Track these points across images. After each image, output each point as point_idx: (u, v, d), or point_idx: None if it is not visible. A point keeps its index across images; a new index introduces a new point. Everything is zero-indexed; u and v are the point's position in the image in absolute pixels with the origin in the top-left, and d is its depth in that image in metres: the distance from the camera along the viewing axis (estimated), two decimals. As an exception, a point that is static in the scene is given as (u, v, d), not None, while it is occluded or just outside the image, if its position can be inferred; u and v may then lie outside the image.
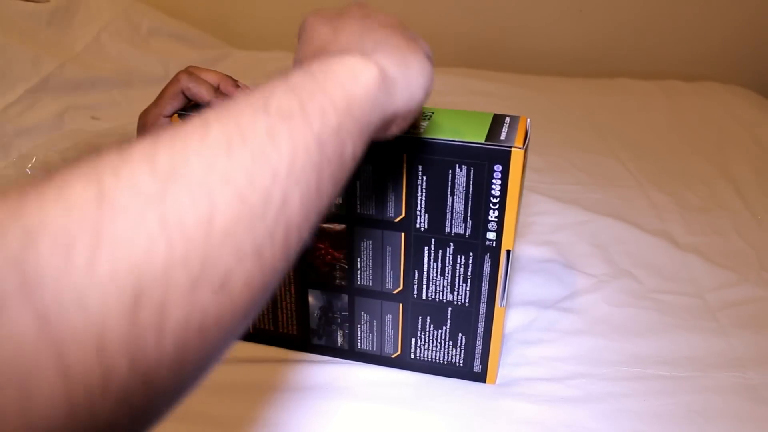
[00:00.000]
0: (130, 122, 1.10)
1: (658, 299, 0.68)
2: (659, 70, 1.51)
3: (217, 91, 0.51)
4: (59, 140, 0.99)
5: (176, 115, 0.52)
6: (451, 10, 1.60)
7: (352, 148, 0.28)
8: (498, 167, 0.47)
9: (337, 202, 0.52)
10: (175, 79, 0.51)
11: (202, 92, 0.50)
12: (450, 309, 0.54)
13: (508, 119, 0.51)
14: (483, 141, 0.47)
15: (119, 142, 0.22)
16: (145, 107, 0.54)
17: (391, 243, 0.52)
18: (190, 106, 0.53)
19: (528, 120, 0.50)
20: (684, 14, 1.52)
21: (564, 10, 1.57)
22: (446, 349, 0.56)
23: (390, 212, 0.51)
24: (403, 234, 0.52)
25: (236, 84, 0.54)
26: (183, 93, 0.51)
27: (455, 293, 0.53)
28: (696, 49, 1.54)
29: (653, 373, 0.58)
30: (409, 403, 0.54)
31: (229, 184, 0.21)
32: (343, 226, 0.53)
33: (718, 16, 1.51)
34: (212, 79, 0.52)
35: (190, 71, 0.52)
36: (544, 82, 1.40)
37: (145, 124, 0.52)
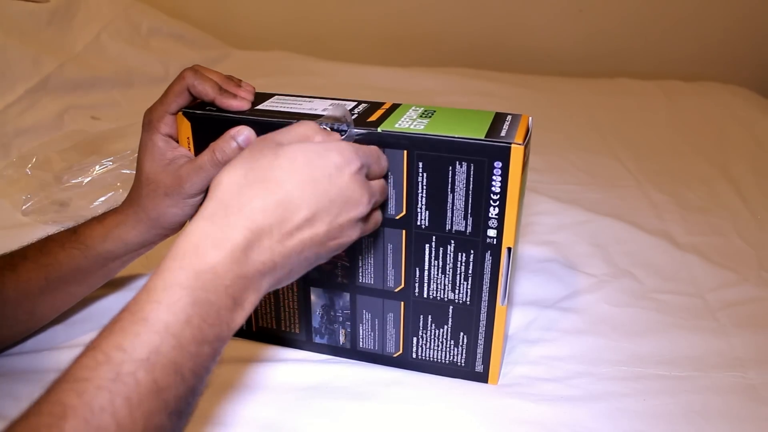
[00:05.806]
0: (130, 122, 1.09)
1: (658, 299, 0.68)
2: (659, 70, 1.51)
3: (222, 90, 0.52)
4: (59, 140, 0.99)
5: (180, 113, 0.52)
6: (451, 10, 1.60)
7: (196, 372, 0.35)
8: (498, 164, 0.47)
9: None
10: (181, 76, 0.51)
11: (207, 90, 0.51)
12: (451, 308, 0.54)
13: (509, 117, 0.51)
14: (483, 137, 0.47)
15: None
16: (145, 107, 0.54)
17: (391, 240, 0.52)
18: (196, 104, 0.53)
19: (530, 118, 0.50)
20: (684, 14, 1.52)
21: (564, 10, 1.57)
22: (448, 349, 0.56)
23: (391, 209, 0.51)
24: (404, 231, 0.52)
25: (239, 84, 0.54)
26: (188, 90, 0.51)
27: (456, 291, 0.53)
28: (696, 48, 1.55)
29: (653, 372, 0.58)
30: (410, 403, 0.54)
31: None
32: None
33: (718, 16, 1.51)
34: (217, 78, 0.52)
35: (195, 69, 0.52)
36: (544, 82, 1.40)
37: (151, 122, 0.52)
